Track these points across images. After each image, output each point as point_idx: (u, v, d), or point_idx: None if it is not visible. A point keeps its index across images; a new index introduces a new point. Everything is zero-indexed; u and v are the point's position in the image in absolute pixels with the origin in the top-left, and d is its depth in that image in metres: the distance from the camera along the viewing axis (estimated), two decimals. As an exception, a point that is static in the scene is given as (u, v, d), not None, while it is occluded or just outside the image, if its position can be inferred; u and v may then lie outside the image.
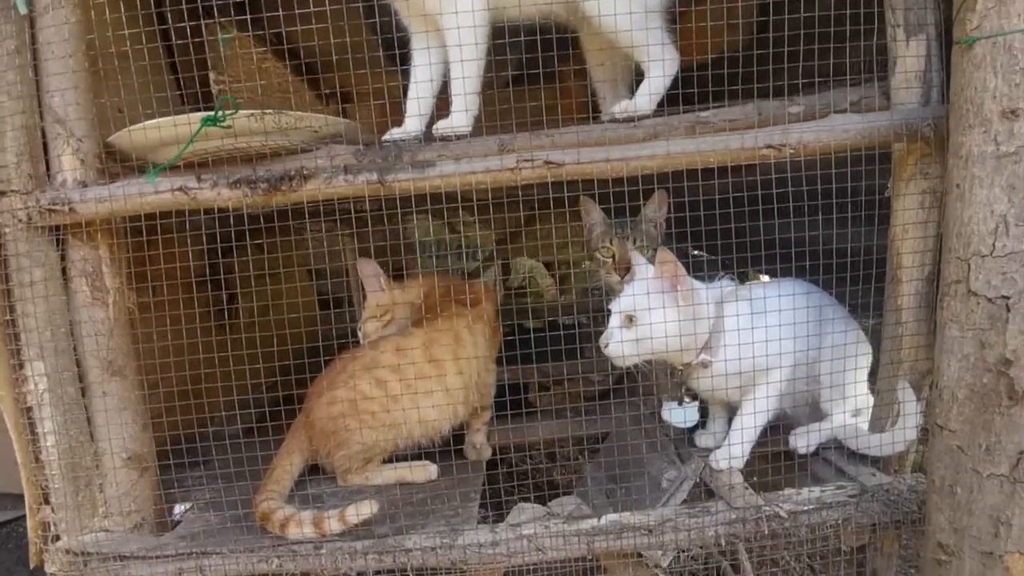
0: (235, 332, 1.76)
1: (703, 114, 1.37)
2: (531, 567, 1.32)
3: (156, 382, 1.40)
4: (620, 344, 1.32)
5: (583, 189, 1.44)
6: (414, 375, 1.51)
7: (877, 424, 1.44)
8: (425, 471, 1.55)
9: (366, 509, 1.28)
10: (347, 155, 1.33)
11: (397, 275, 1.82)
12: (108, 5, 1.33)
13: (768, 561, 1.38)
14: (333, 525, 1.28)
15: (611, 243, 1.70)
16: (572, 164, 1.23)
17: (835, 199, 1.29)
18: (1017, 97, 1.00)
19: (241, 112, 1.21)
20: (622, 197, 1.31)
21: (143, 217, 1.31)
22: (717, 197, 1.47)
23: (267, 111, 1.26)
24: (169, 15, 1.94)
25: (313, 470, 1.58)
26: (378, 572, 1.30)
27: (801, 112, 1.34)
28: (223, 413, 1.98)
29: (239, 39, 2.24)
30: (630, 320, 1.31)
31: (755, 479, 1.48)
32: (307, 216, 1.95)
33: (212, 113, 1.18)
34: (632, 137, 1.35)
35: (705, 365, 1.39)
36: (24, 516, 3.21)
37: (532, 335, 2.44)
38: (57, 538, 1.30)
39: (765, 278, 2.06)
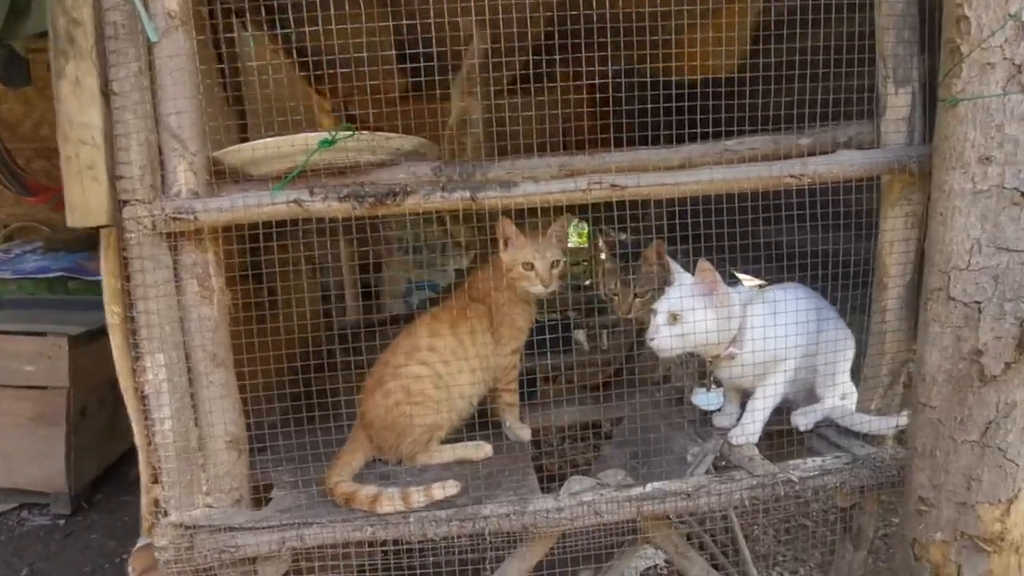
0: (274, 324, 1.92)
1: (729, 143, 1.63)
2: (584, 529, 1.55)
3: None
4: (666, 339, 1.56)
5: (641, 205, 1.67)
6: (450, 353, 1.71)
7: (865, 405, 1.74)
8: (482, 450, 1.75)
9: (452, 488, 1.48)
10: (427, 171, 1.52)
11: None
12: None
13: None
14: (421, 498, 1.48)
15: (615, 286, 1.95)
16: (633, 187, 1.46)
17: (813, 208, 1.57)
18: (991, 147, 1.29)
19: (357, 135, 1.38)
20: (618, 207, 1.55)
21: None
22: (713, 205, 1.74)
23: (363, 133, 1.43)
24: (219, 27, 2.05)
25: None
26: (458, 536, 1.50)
27: (809, 145, 1.62)
28: (264, 405, 2.14)
29: (258, 40, 2.35)
30: (674, 318, 1.56)
31: (764, 453, 1.76)
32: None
33: (329, 134, 1.35)
34: (669, 161, 1.60)
35: (732, 357, 1.65)
36: (15, 509, 3.22)
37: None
38: (166, 513, 1.44)
39: (746, 278, 2.37)
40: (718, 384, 1.75)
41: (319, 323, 3.20)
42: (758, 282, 2.27)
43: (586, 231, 4.82)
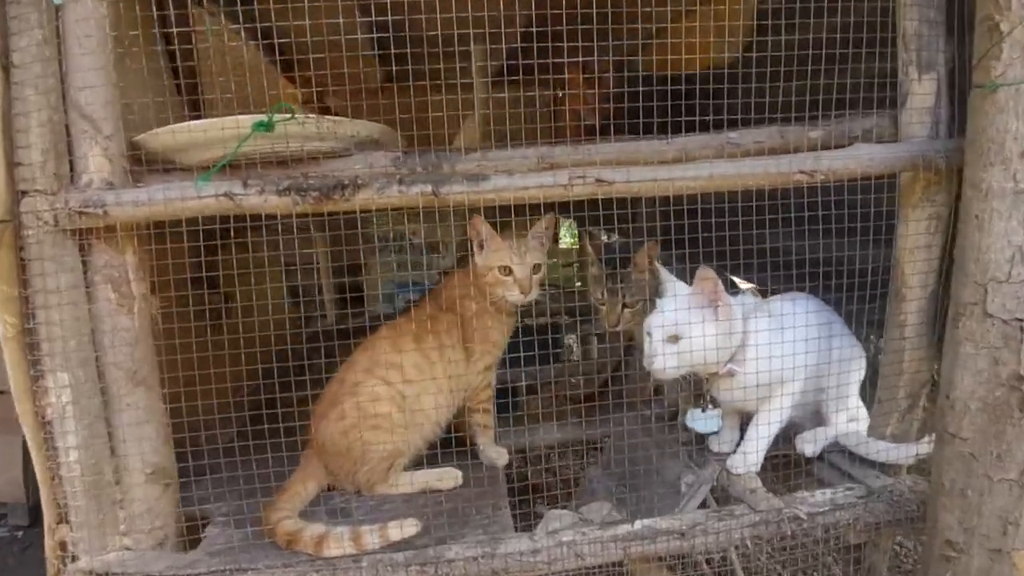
0: (230, 332, 1.71)
1: (731, 135, 1.44)
2: (567, 573, 1.36)
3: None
4: (666, 359, 1.37)
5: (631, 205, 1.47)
6: (414, 369, 1.51)
7: (879, 431, 1.56)
8: (451, 478, 1.55)
9: (410, 528, 1.28)
10: (386, 162, 1.32)
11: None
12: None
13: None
14: (375, 539, 1.27)
15: (602, 295, 1.76)
16: (622, 183, 1.27)
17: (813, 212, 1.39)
18: (1038, 140, 1.11)
19: (290, 117, 1.18)
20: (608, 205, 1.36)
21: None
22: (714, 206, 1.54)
23: (309, 116, 1.23)
24: (170, 10, 1.84)
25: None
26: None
27: (820, 138, 1.44)
28: (216, 416, 1.93)
29: (223, 29, 2.15)
30: (675, 338, 1.36)
31: (764, 482, 1.57)
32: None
33: (264, 116, 1.15)
34: (663, 154, 1.40)
35: (732, 375, 1.46)
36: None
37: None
38: (75, 558, 1.23)
39: (746, 285, 2.18)
40: (715, 404, 1.56)
41: (288, 331, 2.99)
42: (751, 288, 2.08)
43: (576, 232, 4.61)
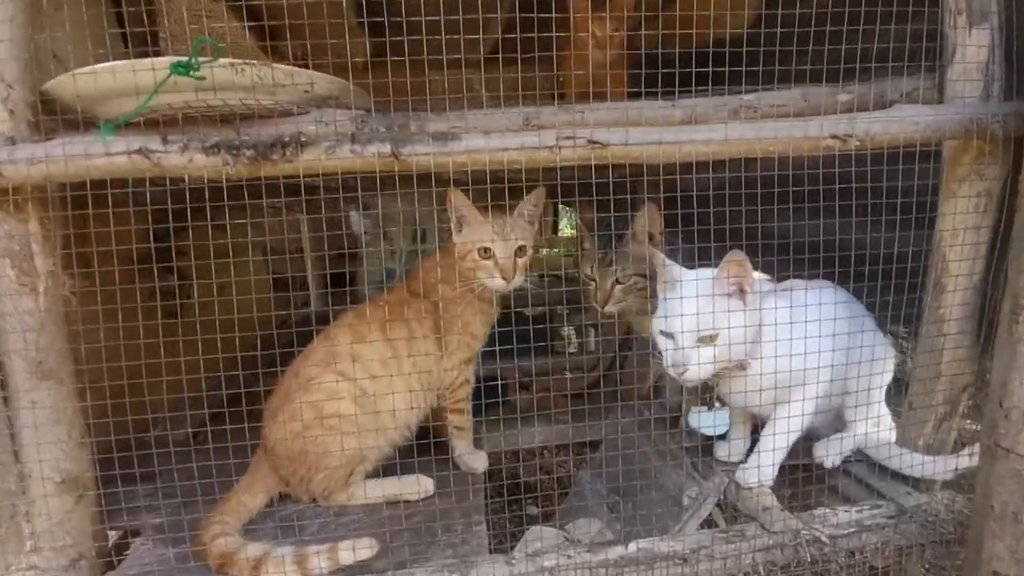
0: (186, 322, 1.52)
1: (747, 97, 1.24)
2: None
3: (93, 381, 1.15)
4: (700, 368, 1.16)
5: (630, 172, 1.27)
6: (378, 363, 1.31)
7: (910, 440, 1.36)
8: (421, 487, 1.36)
9: (364, 550, 1.09)
10: (345, 122, 1.12)
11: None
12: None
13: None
14: (321, 564, 1.09)
15: (591, 270, 1.55)
16: (619, 145, 1.06)
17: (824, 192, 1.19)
18: None
19: (220, 60, 0.97)
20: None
21: (88, 185, 1.05)
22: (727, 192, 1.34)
23: (250, 62, 1.03)
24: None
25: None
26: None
27: (851, 101, 1.23)
28: (167, 415, 1.75)
29: None
30: (710, 339, 1.16)
31: (778, 496, 1.38)
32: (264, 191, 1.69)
33: (183, 58, 0.94)
34: (670, 118, 1.20)
35: (744, 368, 1.26)
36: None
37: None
38: (-31, 582, 1.04)
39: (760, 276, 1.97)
40: (723, 402, 1.36)
41: (259, 320, 2.79)
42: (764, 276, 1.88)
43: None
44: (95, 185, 1.05)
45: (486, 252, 1.37)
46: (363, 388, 1.32)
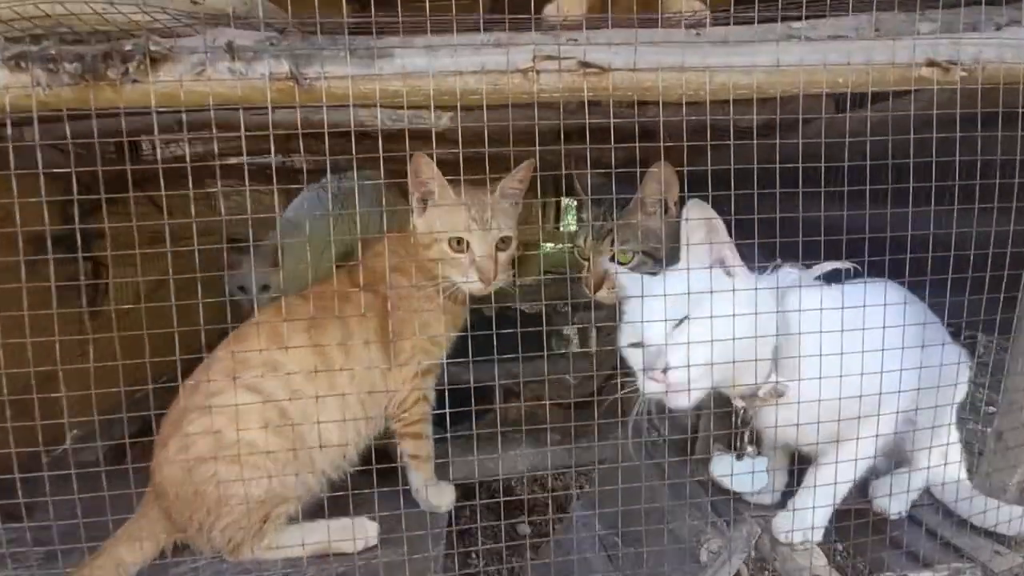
0: (104, 319, 1.21)
1: (795, 25, 0.91)
2: None
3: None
4: (687, 371, 0.84)
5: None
6: (302, 374, 1.00)
7: (997, 483, 1.04)
8: (362, 534, 1.05)
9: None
10: (250, 41, 0.79)
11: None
12: None
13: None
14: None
15: (585, 243, 1.23)
16: (624, 70, 0.74)
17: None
18: None
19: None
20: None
21: None
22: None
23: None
24: None
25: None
26: None
27: (937, 32, 0.91)
28: (72, 433, 1.44)
29: None
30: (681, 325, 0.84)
31: (824, 547, 1.06)
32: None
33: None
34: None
35: (780, 394, 0.94)
36: None
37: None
38: None
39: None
40: (758, 445, 1.03)
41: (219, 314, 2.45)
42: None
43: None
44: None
45: (459, 244, 1.05)
46: (282, 407, 1.00)
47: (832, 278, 1.02)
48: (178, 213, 1.01)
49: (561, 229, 4.36)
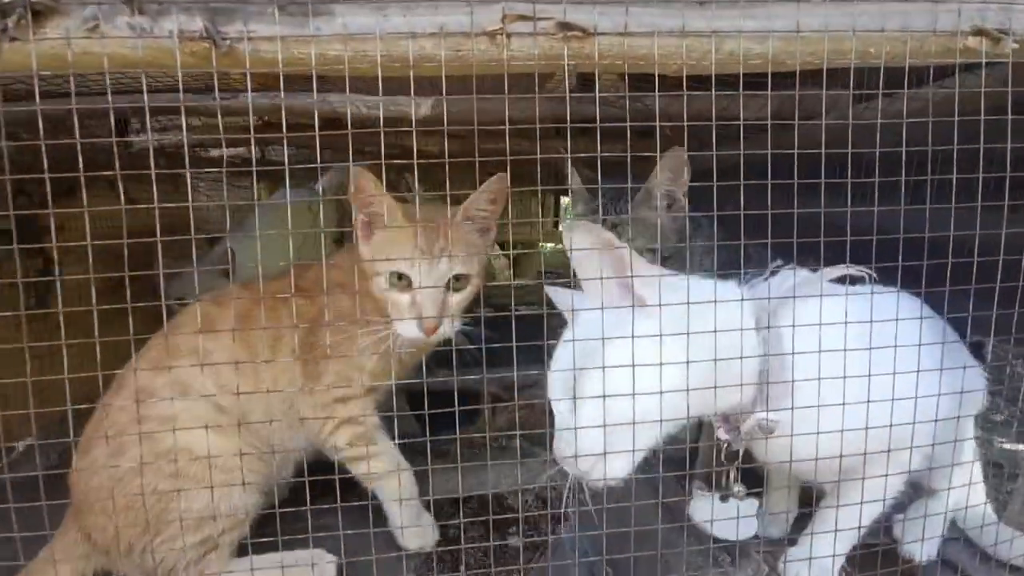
0: (51, 320, 1.09)
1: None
2: None
3: None
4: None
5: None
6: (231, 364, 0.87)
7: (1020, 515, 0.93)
8: (318, 571, 0.93)
9: None
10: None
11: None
12: None
13: None
14: None
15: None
16: (612, 34, 0.61)
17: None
18: None
19: None
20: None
21: None
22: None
23: None
24: None
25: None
26: None
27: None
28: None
29: None
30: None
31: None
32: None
33: None
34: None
35: (769, 431, 0.80)
36: None
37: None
38: None
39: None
40: (744, 486, 0.88)
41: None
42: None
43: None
44: None
45: (400, 280, 0.91)
46: (220, 404, 0.88)
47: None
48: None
49: (560, 228, 4.21)
